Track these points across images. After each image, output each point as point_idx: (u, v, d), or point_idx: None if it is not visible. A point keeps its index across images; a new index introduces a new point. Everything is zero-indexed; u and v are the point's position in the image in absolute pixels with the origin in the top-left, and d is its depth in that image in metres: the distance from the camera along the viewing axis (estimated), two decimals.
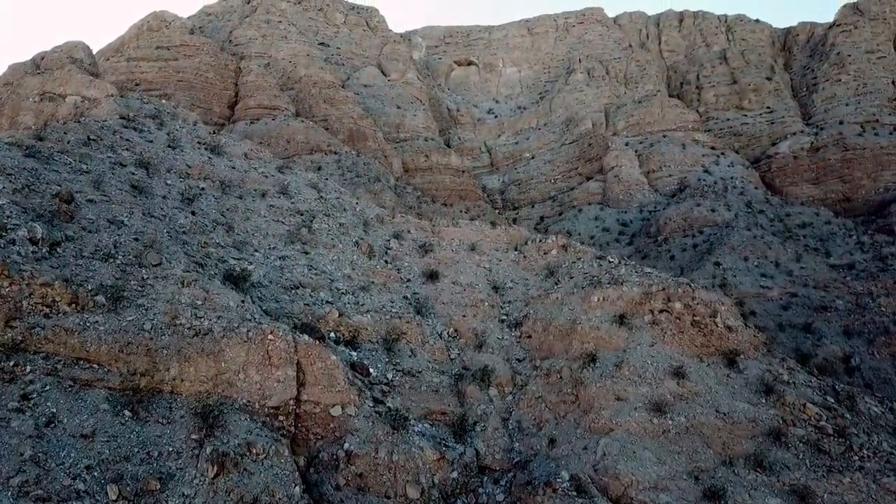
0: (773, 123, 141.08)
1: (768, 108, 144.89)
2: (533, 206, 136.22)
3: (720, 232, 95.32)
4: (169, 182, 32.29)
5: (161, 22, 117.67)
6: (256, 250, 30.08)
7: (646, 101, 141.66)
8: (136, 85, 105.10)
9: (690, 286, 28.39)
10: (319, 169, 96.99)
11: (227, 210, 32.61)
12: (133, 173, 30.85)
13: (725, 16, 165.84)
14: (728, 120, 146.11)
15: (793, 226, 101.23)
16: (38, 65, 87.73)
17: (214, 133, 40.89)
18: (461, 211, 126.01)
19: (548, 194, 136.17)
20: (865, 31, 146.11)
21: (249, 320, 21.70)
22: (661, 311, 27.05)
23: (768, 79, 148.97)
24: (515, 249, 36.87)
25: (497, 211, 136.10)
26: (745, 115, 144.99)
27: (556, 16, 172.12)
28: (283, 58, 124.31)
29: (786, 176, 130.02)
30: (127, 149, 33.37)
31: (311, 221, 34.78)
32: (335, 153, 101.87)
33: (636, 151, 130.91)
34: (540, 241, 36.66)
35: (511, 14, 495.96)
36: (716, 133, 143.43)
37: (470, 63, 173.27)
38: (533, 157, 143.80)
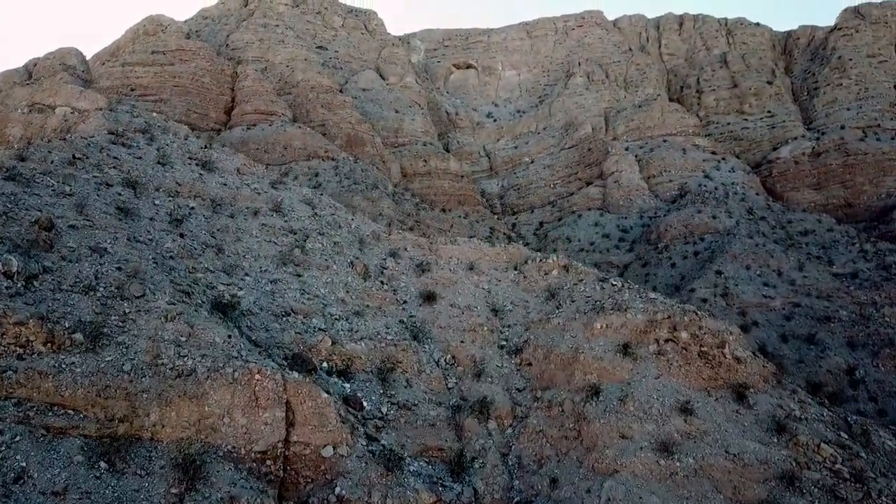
0: (773, 128, 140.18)
1: (769, 112, 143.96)
2: (532, 212, 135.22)
3: (721, 240, 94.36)
4: (157, 202, 31.21)
5: (157, 26, 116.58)
6: (247, 274, 29.02)
7: (646, 106, 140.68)
8: (132, 90, 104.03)
9: (697, 314, 27.35)
10: (317, 175, 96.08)
11: (218, 230, 31.54)
12: (119, 194, 29.77)
13: (725, 19, 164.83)
14: (728, 124, 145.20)
15: (795, 233, 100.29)
16: (31, 72, 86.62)
17: (206, 147, 39.79)
18: (460, 216, 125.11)
19: (547, 199, 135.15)
20: (867, 35, 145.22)
21: (236, 358, 20.64)
22: (666, 341, 26.04)
23: (769, 83, 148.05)
24: (515, 269, 35.83)
25: (496, 216, 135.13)
26: (746, 120, 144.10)
27: (555, 19, 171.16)
28: (281, 62, 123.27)
29: (787, 181, 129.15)
30: (114, 167, 32.29)
31: (305, 241, 33.72)
32: (333, 159, 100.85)
33: (636, 156, 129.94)
34: (541, 260, 35.59)
35: (510, 17, 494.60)
36: (716, 137, 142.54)
37: (469, 66, 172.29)
38: (532, 162, 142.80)
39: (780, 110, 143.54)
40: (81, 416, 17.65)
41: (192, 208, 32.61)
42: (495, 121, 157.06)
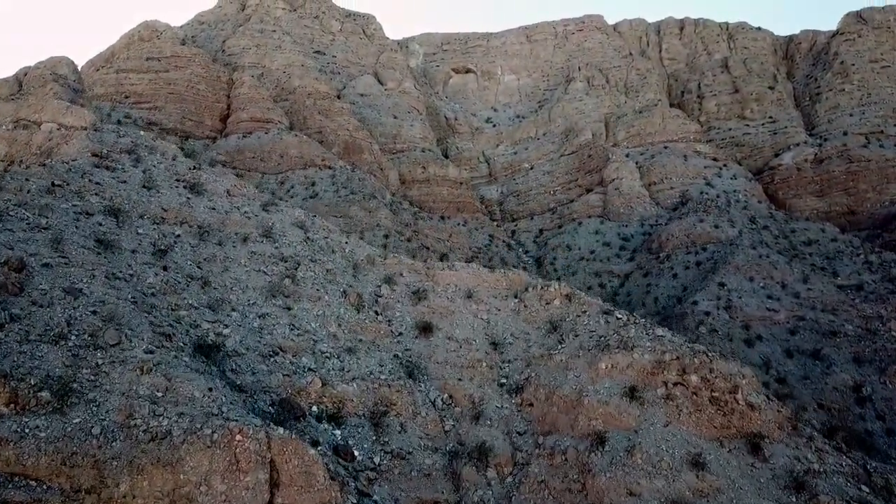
0: (775, 134, 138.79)
1: (771, 117, 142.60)
2: (532, 218, 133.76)
3: (724, 250, 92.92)
4: (141, 231, 29.79)
5: (152, 32, 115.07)
6: (234, 309, 27.59)
7: (646, 112, 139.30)
8: (126, 98, 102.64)
9: (707, 355, 25.95)
10: (313, 184, 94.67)
11: (205, 260, 30.13)
12: (100, 224, 28.35)
13: (727, 23, 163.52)
14: (730, 130, 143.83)
15: (798, 243, 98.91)
16: (21, 81, 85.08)
17: (195, 168, 38.28)
18: (459, 224, 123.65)
19: (547, 206, 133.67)
20: (869, 40, 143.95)
21: (216, 415, 19.21)
22: (675, 384, 24.65)
23: (770, 88, 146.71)
24: (515, 297, 34.43)
25: (495, 223, 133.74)
26: (748, 125, 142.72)
27: (555, 23, 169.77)
28: (277, 68, 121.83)
29: (789, 188, 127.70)
30: (96, 193, 30.88)
31: (296, 269, 32.31)
32: (330, 168, 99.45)
33: (637, 163, 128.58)
34: (542, 288, 34.17)
35: (510, 21, 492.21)
36: (717, 143, 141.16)
37: (468, 71, 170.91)
38: (532, 168, 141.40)
39: (781, 116, 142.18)
40: (45, 487, 16.26)
41: (178, 236, 31.21)
42: (494, 126, 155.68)
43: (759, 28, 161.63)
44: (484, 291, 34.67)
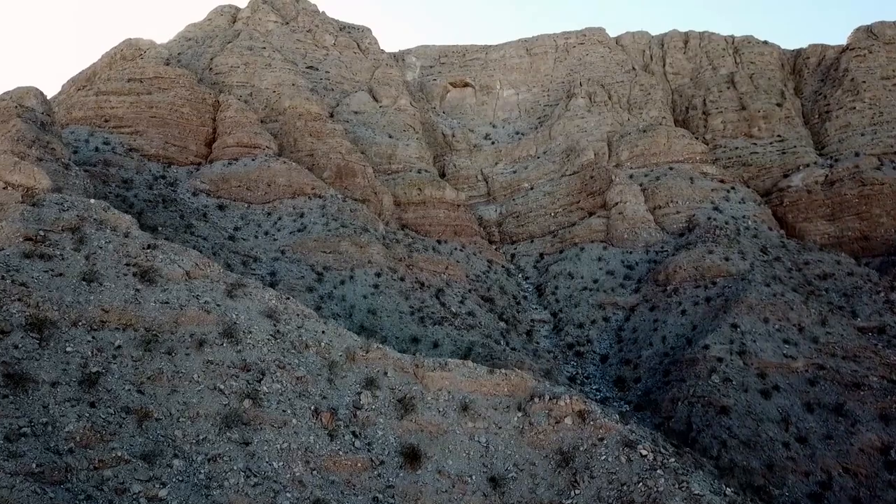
0: (784, 153, 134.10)
1: (779, 136, 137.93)
2: (532, 241, 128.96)
3: (735, 285, 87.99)
4: (70, 349, 24.87)
5: (135, 50, 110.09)
6: (177, 454, 22.66)
7: (651, 131, 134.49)
8: (106, 121, 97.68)
9: None
10: (302, 216, 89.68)
11: (148, 380, 25.24)
12: (16, 346, 23.43)
13: (732, 37, 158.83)
14: (736, 148, 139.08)
15: (813, 277, 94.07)
16: None
17: (150, 247, 33.21)
18: (456, 248, 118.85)
19: (548, 229, 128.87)
20: (880, 56, 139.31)
21: None
22: None
23: (778, 105, 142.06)
24: (519, 409, 29.45)
25: (494, 246, 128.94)
26: (755, 144, 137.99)
27: (555, 35, 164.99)
28: (267, 87, 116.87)
29: (799, 211, 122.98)
30: (19, 299, 25.95)
31: (260, 381, 27.41)
32: (320, 197, 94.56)
33: (641, 185, 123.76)
34: (550, 400, 29.16)
35: (509, 32, 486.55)
36: (724, 163, 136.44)
37: (466, 85, 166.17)
38: (532, 189, 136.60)
39: (790, 134, 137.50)
40: None
41: (119, 348, 26.30)
42: (493, 143, 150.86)
43: (765, 42, 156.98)
44: (482, 401, 29.70)
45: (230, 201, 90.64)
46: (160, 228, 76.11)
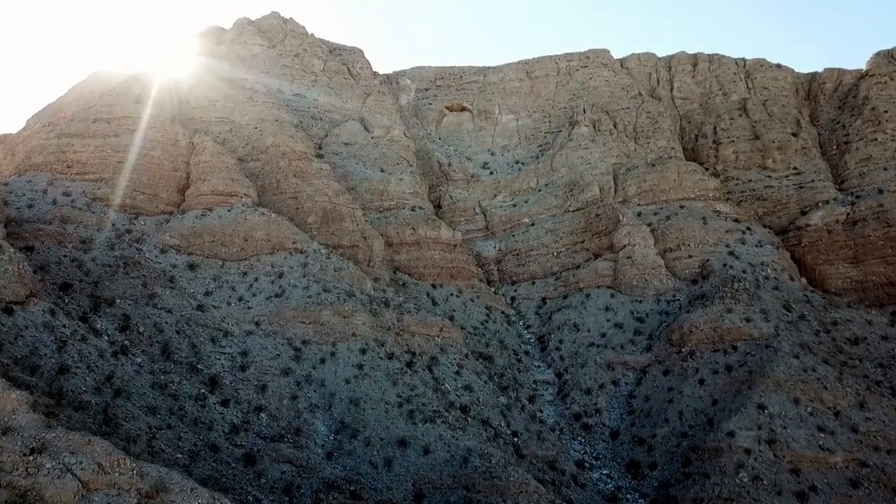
0: (801, 188, 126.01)
1: (795, 168, 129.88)
2: (533, 283, 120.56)
3: (760, 353, 79.85)
4: None
5: (103, 85, 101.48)
6: None
7: (660, 165, 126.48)
8: (68, 167, 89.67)
9: None
10: (281, 276, 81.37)
11: None
12: None
13: (744, 59, 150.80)
14: (750, 181, 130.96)
15: (843, 341, 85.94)
16: None
17: (37, 450, 24.62)
18: (453, 294, 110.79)
19: (550, 269, 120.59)
20: None
21: None
22: None
23: (794, 135, 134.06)
24: None
25: (493, 288, 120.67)
26: (770, 177, 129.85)
27: (557, 57, 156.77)
28: (248, 123, 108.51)
29: (819, 253, 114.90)
30: None
31: None
32: (302, 252, 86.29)
33: (650, 224, 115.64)
34: None
35: (508, 52, 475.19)
36: (737, 196, 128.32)
37: (463, 109, 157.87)
38: (533, 225, 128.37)
39: (807, 167, 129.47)
40: None
41: None
42: (492, 173, 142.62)
43: (778, 65, 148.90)
44: None
45: (202, 258, 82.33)
46: (118, 301, 67.89)
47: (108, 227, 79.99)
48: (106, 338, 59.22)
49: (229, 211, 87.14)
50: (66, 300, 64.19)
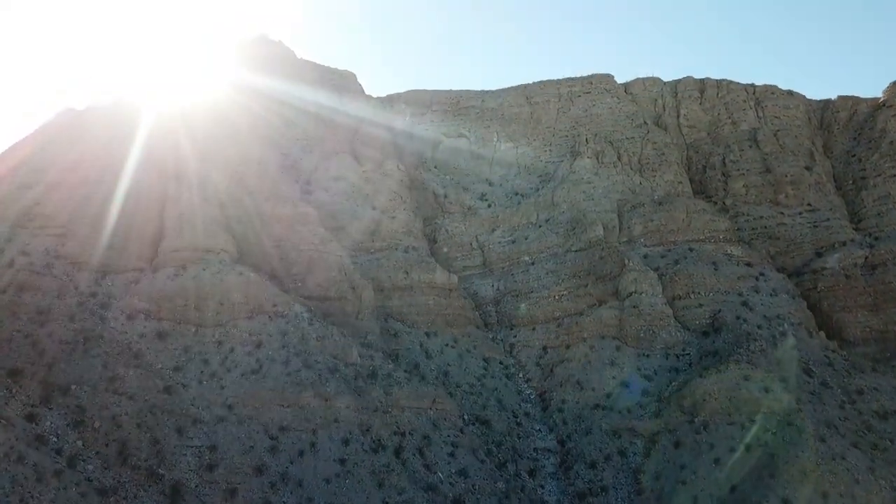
0: (816, 227, 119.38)
1: (809, 205, 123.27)
2: (534, 329, 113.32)
3: (782, 432, 73.15)
4: None
5: (72, 120, 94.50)
6: None
7: (667, 203, 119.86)
8: (30, 220, 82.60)
9: None
10: (259, 346, 74.48)
11: None
12: None
13: (753, 86, 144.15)
14: (761, 218, 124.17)
15: (870, 414, 79.30)
16: None
17: None
18: (447, 345, 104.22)
19: (552, 315, 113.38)
20: None
21: None
22: None
23: (808, 168, 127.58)
24: None
25: (491, 334, 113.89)
26: (782, 214, 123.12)
27: (558, 83, 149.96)
28: (229, 164, 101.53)
29: (836, 299, 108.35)
30: None
31: None
32: (283, 316, 79.45)
33: (657, 269, 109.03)
34: None
35: (507, 76, 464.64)
36: (748, 234, 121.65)
37: (460, 135, 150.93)
38: (533, 263, 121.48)
39: (822, 203, 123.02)
40: None
41: None
42: (490, 206, 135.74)
43: (790, 92, 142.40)
44: None
45: (174, 325, 75.48)
46: (73, 388, 61.14)
47: (70, 293, 73.14)
48: (52, 444, 52.52)
49: (205, 270, 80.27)
50: (14, 390, 57.57)
